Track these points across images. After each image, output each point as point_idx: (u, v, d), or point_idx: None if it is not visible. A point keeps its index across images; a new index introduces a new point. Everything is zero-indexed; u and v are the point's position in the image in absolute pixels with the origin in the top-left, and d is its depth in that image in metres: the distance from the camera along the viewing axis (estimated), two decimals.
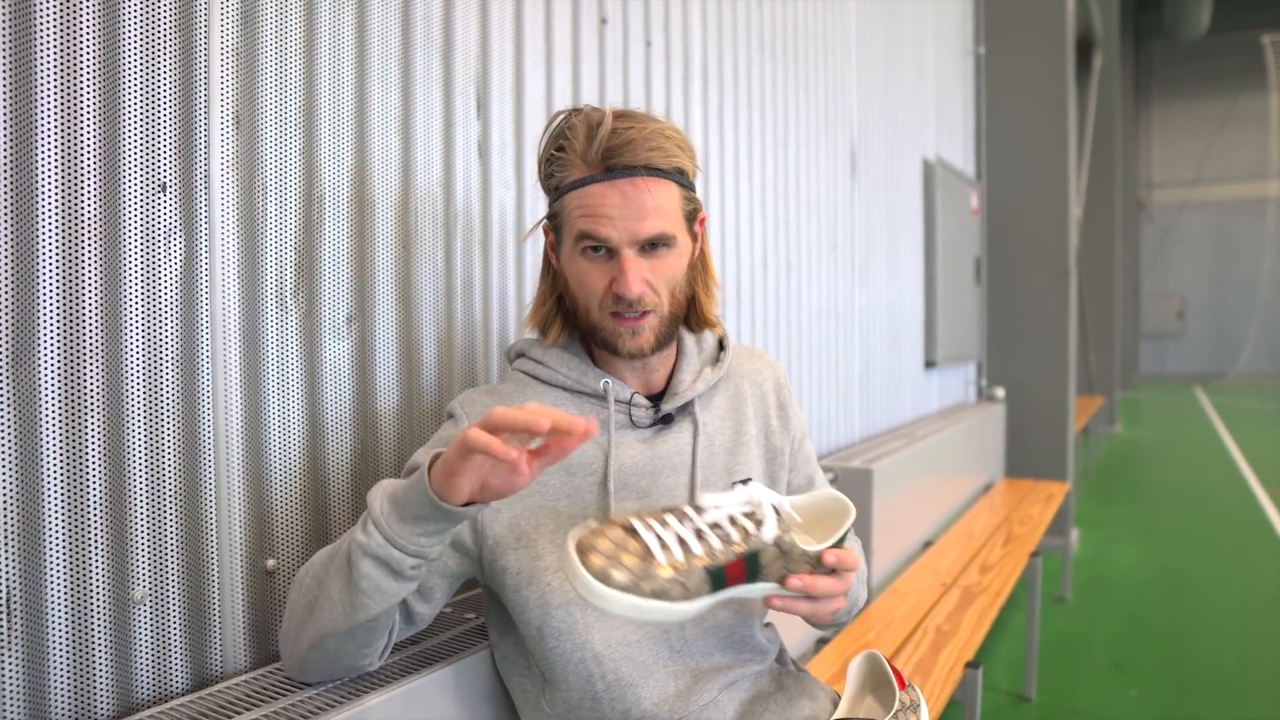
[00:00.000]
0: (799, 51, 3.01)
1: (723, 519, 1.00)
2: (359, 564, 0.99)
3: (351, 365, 1.39)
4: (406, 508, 0.98)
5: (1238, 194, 20.01)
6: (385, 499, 1.00)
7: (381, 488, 1.02)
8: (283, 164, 1.28)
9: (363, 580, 1.00)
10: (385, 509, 0.99)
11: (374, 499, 1.00)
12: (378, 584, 1.00)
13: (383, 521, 0.98)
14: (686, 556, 0.96)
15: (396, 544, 0.98)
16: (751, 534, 0.99)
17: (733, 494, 1.02)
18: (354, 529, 1.03)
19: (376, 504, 1.00)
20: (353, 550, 1.00)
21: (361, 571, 0.99)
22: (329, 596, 1.03)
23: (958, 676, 2.20)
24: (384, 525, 0.98)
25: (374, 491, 1.02)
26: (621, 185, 1.12)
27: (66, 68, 1.02)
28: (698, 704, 1.17)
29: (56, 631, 1.03)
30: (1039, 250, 5.37)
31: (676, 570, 0.94)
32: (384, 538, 0.98)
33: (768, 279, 2.75)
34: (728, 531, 0.99)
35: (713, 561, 0.97)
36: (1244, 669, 3.59)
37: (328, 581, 1.04)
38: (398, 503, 0.98)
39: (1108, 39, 10.35)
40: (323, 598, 1.04)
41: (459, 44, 1.57)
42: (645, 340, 1.18)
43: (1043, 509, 4.08)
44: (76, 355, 1.04)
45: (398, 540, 0.98)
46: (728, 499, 1.02)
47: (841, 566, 1.05)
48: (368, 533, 0.99)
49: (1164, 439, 10.62)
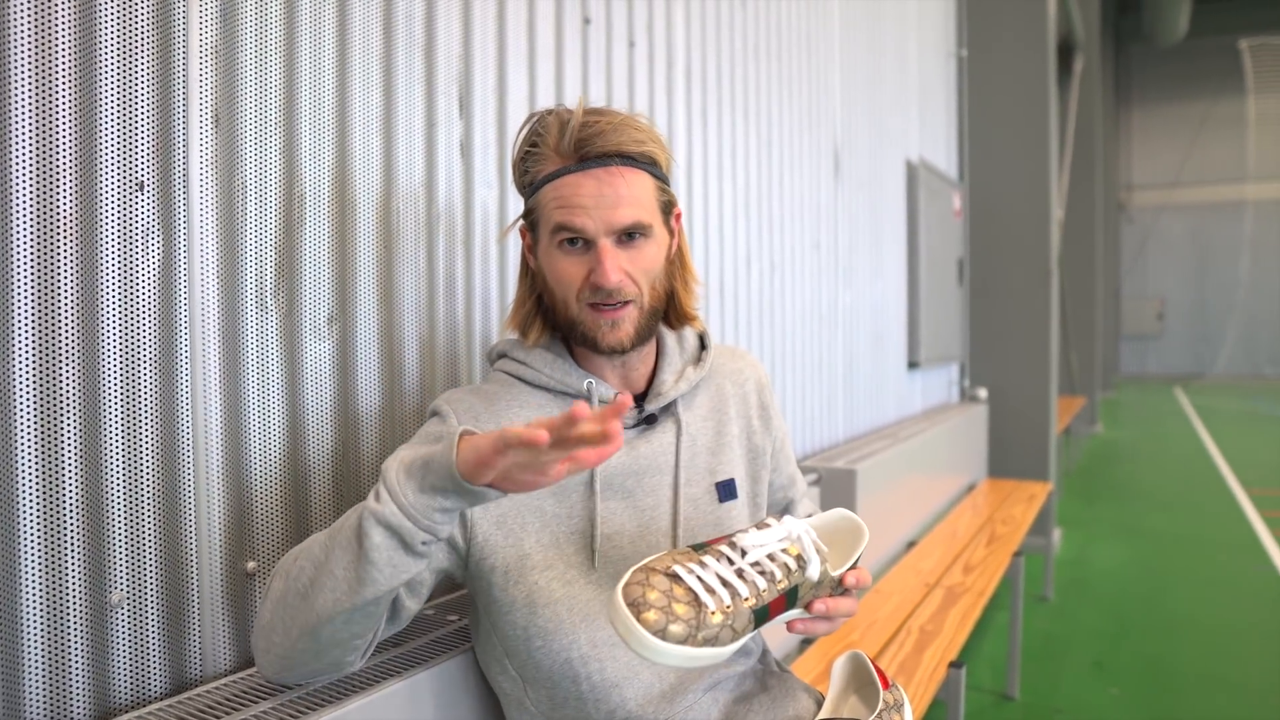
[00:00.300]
0: (782, 52, 3.01)
1: (763, 558, 1.00)
2: (371, 533, 0.95)
3: (332, 366, 1.38)
4: (426, 478, 0.94)
5: (1216, 196, 20.19)
6: (401, 469, 0.96)
7: (398, 458, 0.98)
8: (263, 163, 1.27)
9: (374, 551, 0.96)
10: (401, 478, 0.95)
11: (389, 468, 0.97)
12: (389, 556, 0.96)
13: (398, 491, 0.95)
14: (734, 599, 0.96)
15: (410, 515, 0.94)
16: (794, 570, 1.01)
17: (770, 531, 1.03)
18: (355, 508, 1.00)
19: (392, 473, 0.96)
20: (364, 519, 0.96)
21: (374, 542, 0.95)
22: (331, 575, 0.99)
23: (941, 676, 2.20)
24: (399, 495, 0.95)
25: (389, 461, 0.99)
26: (596, 173, 1.13)
27: (41, 64, 1.01)
28: (682, 705, 1.17)
29: (32, 635, 1.01)
30: (1021, 251, 5.40)
31: (725, 615, 0.95)
32: (398, 506, 0.94)
33: (751, 279, 2.75)
34: (771, 570, 1.00)
35: (758, 602, 0.98)
36: (1224, 667, 3.61)
37: (330, 560, 0.99)
38: (415, 472, 0.95)
39: (1088, 43, 10.42)
40: (323, 577, 0.99)
41: (441, 43, 1.56)
42: (625, 333, 1.17)
43: (1025, 509, 4.10)
44: (52, 356, 1.03)
45: (412, 511, 0.94)
46: (767, 537, 1.02)
47: (860, 588, 1.09)
48: (381, 500, 0.95)
49: (1145, 439, 10.69)
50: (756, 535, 1.02)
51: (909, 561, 3.20)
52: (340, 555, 0.99)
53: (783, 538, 1.02)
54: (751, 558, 1.00)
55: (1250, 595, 4.57)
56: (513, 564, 1.16)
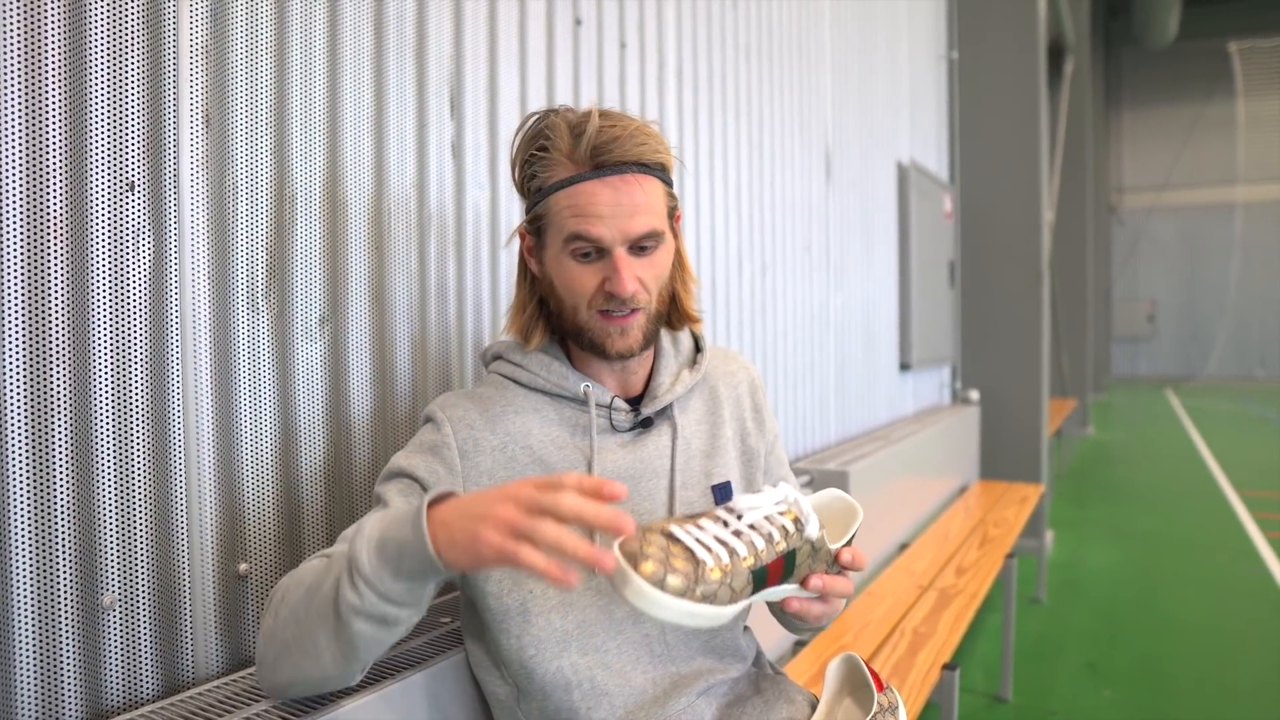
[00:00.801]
0: (774, 54, 3.01)
1: (759, 520, 0.99)
2: (352, 623, 0.92)
3: (324, 367, 1.38)
4: (402, 564, 0.90)
5: (1206, 199, 20.28)
6: (373, 552, 0.91)
7: (367, 537, 0.92)
8: (254, 163, 1.26)
9: (358, 638, 0.94)
10: (374, 563, 0.90)
11: (360, 552, 0.91)
12: (373, 637, 0.95)
13: (374, 580, 0.90)
14: (732, 558, 0.95)
15: (392, 599, 0.92)
16: (791, 533, 1.00)
17: (765, 495, 1.02)
18: (336, 565, 0.95)
19: (364, 558, 0.91)
20: (343, 610, 0.92)
21: (355, 630, 0.93)
22: (315, 645, 0.96)
23: (935, 678, 2.20)
24: (377, 584, 0.90)
25: (359, 542, 0.92)
26: (613, 182, 1.12)
27: (31, 63, 1.00)
28: (675, 709, 1.16)
29: (23, 637, 1.00)
30: (1012, 253, 5.41)
31: (724, 573, 0.93)
32: (378, 596, 0.91)
33: (743, 281, 2.75)
34: (769, 531, 0.99)
35: (756, 562, 0.96)
36: (1216, 669, 3.62)
37: (313, 631, 0.96)
38: (390, 558, 0.90)
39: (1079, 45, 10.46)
40: (307, 645, 0.97)
41: (432, 43, 1.56)
42: (634, 339, 1.17)
43: (1017, 511, 4.10)
44: (42, 357, 1.02)
45: (392, 596, 0.91)
46: (763, 500, 1.01)
47: (855, 565, 1.08)
48: (359, 593, 0.91)
49: (1136, 441, 10.71)
50: (752, 499, 1.01)
51: (902, 563, 3.20)
52: (321, 630, 0.95)
53: (779, 500, 1.01)
54: (748, 520, 0.99)
55: (1242, 597, 4.58)
56: (508, 572, 1.16)
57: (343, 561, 0.95)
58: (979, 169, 5.53)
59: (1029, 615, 4.29)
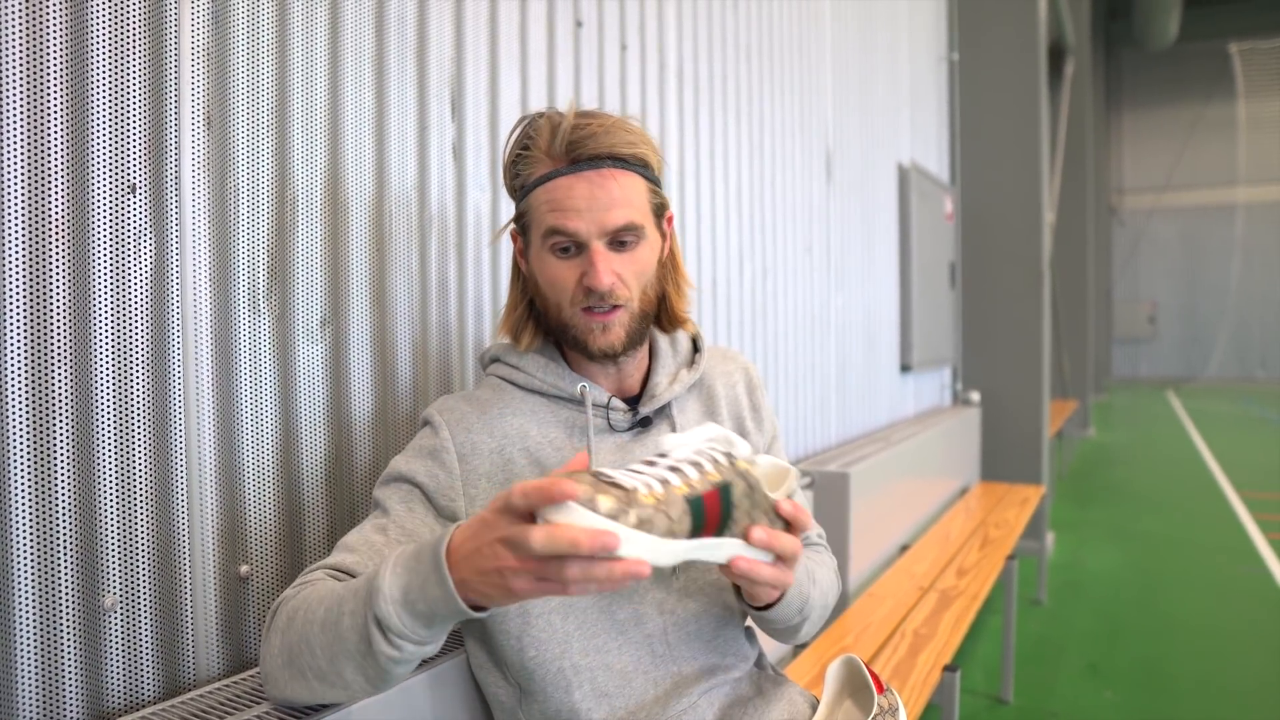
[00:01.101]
0: (774, 55, 3.01)
1: (687, 454, 0.97)
2: (392, 670, 0.94)
3: (325, 369, 1.38)
4: (434, 619, 0.90)
5: (1207, 200, 20.28)
6: (401, 610, 0.89)
7: (388, 598, 0.90)
8: (255, 165, 1.26)
9: (393, 677, 0.96)
10: (405, 620, 0.89)
11: (389, 615, 0.89)
12: (409, 668, 0.97)
13: (409, 634, 0.90)
14: (665, 486, 0.91)
15: (426, 642, 0.93)
16: (722, 464, 0.96)
17: (693, 432, 0.99)
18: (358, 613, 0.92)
19: (394, 619, 0.89)
20: (381, 660, 0.92)
21: (394, 674, 0.95)
22: (341, 678, 0.96)
23: (936, 680, 2.20)
24: (411, 636, 0.91)
25: (384, 605, 0.90)
26: (588, 175, 1.12)
27: (33, 66, 1.00)
28: (676, 709, 1.16)
29: (25, 639, 1.01)
30: (1013, 255, 5.41)
31: (658, 500, 0.89)
32: (415, 644, 0.92)
33: (744, 282, 2.75)
34: (699, 461, 0.96)
35: (691, 491, 0.92)
36: (1218, 670, 3.62)
37: (337, 665, 0.95)
38: (421, 615, 0.90)
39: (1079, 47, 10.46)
40: (333, 677, 0.96)
41: (433, 45, 1.56)
42: (616, 336, 1.17)
43: (1018, 512, 4.10)
44: (44, 359, 1.02)
45: (429, 640, 0.93)
46: (689, 437, 0.99)
47: (796, 518, 1.01)
48: (396, 646, 0.90)
49: (1137, 442, 10.71)
50: (678, 437, 0.99)
51: (902, 565, 3.20)
52: (348, 665, 0.95)
53: (709, 437, 0.99)
54: (676, 455, 0.96)
55: (1243, 598, 4.58)
56: None
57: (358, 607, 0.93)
58: (980, 170, 5.53)
59: (1030, 617, 4.29)
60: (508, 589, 0.84)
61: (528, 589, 0.83)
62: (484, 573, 0.85)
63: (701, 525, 0.93)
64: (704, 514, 0.93)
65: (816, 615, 1.26)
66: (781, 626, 1.21)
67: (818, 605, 1.25)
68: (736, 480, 0.97)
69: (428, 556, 0.89)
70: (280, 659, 1.01)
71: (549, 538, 0.79)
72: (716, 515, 0.94)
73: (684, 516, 0.90)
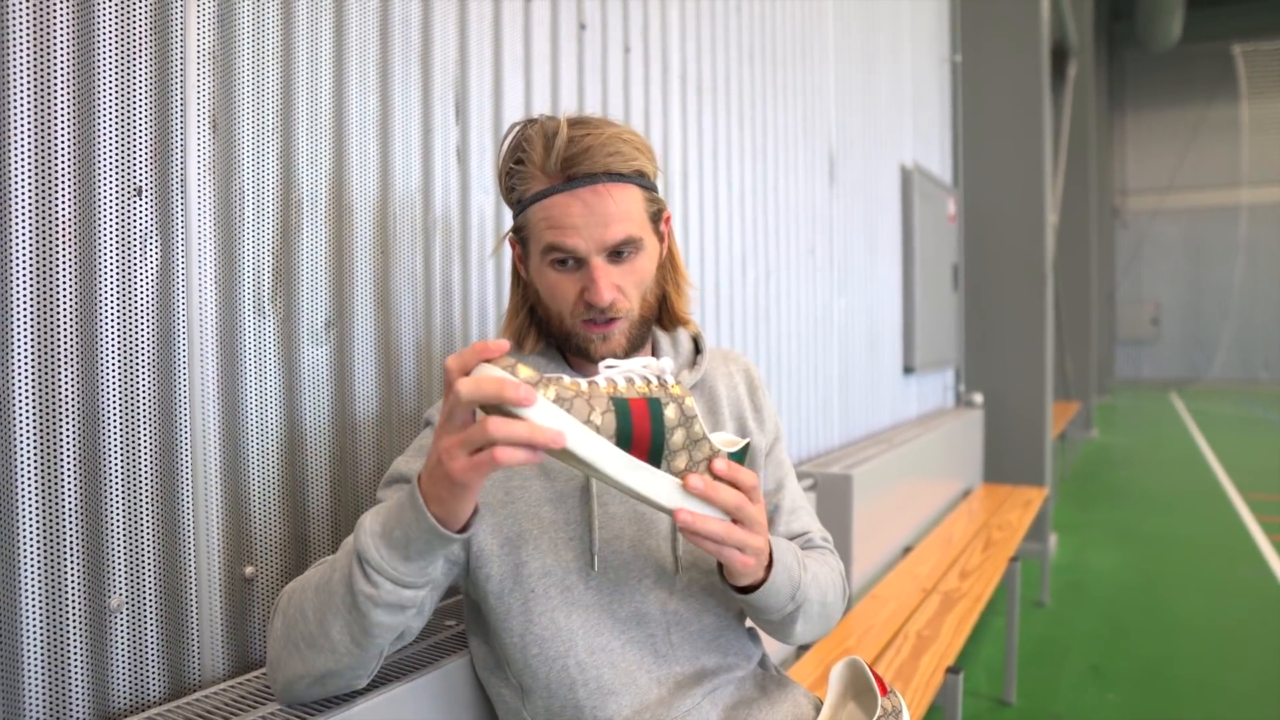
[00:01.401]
0: (777, 57, 3.02)
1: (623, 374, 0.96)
2: (371, 613, 0.96)
3: (330, 371, 1.38)
4: (410, 546, 0.94)
5: (1210, 201, 20.26)
6: (380, 542, 0.95)
7: (368, 530, 0.96)
8: (260, 168, 1.27)
9: (375, 627, 0.98)
10: (383, 552, 0.94)
11: (368, 546, 0.95)
12: (388, 623, 0.99)
13: (387, 568, 0.94)
14: (590, 385, 0.92)
15: (406, 584, 0.96)
16: (654, 384, 0.96)
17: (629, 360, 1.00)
18: (345, 563, 0.98)
19: (372, 550, 0.94)
20: (360, 601, 0.96)
21: (374, 620, 0.97)
22: (328, 638, 0.99)
23: (939, 682, 2.20)
24: (389, 570, 0.94)
25: (364, 537, 0.96)
26: (583, 194, 1.11)
27: (40, 70, 1.01)
28: (680, 709, 1.17)
29: (31, 640, 1.01)
30: (1016, 256, 5.41)
31: (579, 391, 0.90)
32: (393, 583, 0.95)
33: (746, 285, 2.75)
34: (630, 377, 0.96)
35: (615, 391, 0.92)
36: (1221, 672, 3.62)
37: (325, 624, 0.99)
38: (398, 543, 0.94)
39: (1082, 48, 10.46)
40: (320, 639, 1.00)
41: (437, 48, 1.57)
42: (617, 344, 1.18)
43: (1021, 514, 4.10)
44: (51, 360, 1.03)
45: (406, 580, 0.96)
46: (626, 362, 0.98)
47: (735, 478, 0.99)
48: (374, 583, 0.95)
49: (1140, 444, 10.70)
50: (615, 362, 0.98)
51: (905, 567, 3.20)
52: (336, 622, 0.99)
53: (644, 364, 0.98)
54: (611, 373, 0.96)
55: (1246, 600, 4.58)
56: (510, 571, 1.16)
57: (347, 557, 0.98)
58: (982, 172, 5.53)
59: (1033, 618, 4.28)
60: (449, 477, 0.88)
61: (463, 467, 0.86)
62: (432, 474, 0.90)
63: (629, 435, 0.92)
64: (630, 421, 0.92)
65: (814, 611, 1.24)
66: (775, 617, 1.19)
67: (814, 600, 1.23)
68: (669, 402, 0.95)
69: (405, 490, 0.95)
70: (280, 640, 1.04)
71: (474, 382, 0.84)
72: (646, 431, 0.93)
73: (608, 415, 0.91)
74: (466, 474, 0.87)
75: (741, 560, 1.03)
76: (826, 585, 1.28)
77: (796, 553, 1.21)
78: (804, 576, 1.20)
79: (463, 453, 0.86)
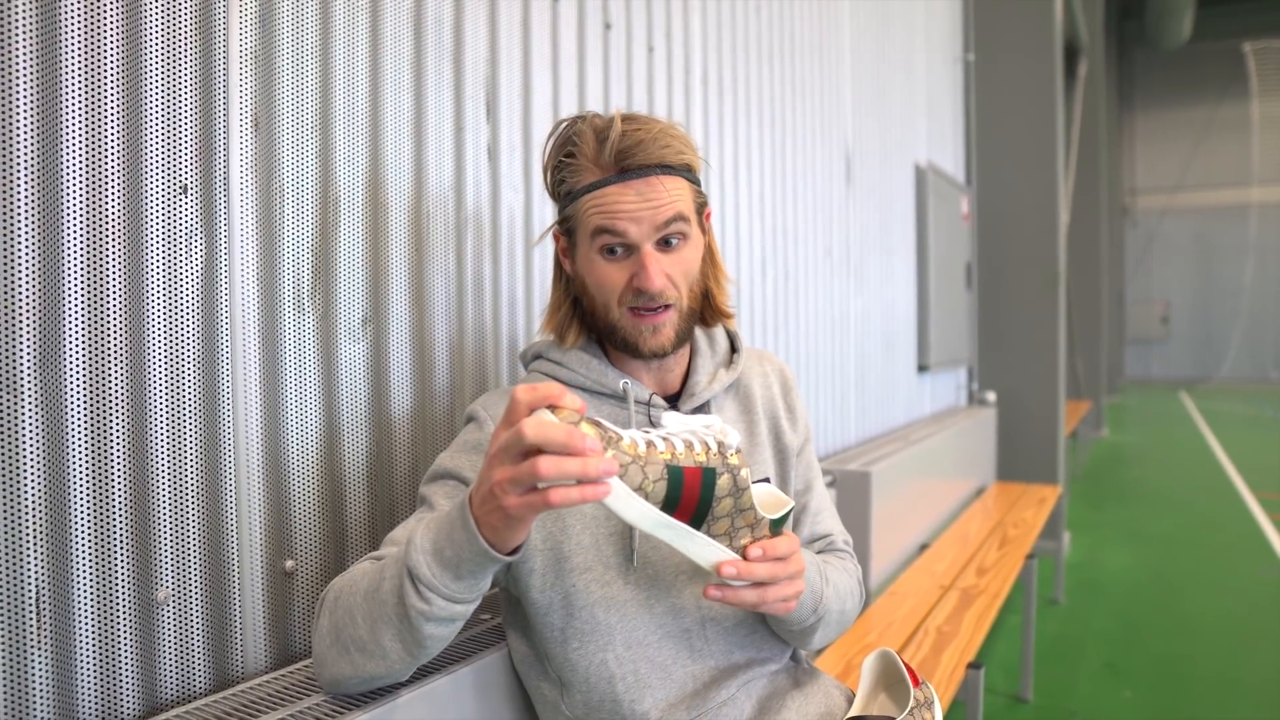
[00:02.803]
0: (795, 58, 3.03)
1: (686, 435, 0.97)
2: (423, 627, 0.97)
3: (367, 367, 1.40)
4: (461, 566, 0.94)
5: (1220, 200, 20.19)
6: (431, 560, 0.95)
7: (419, 548, 0.96)
8: (300, 166, 1.28)
9: (428, 640, 0.99)
10: (435, 570, 0.94)
11: (419, 564, 0.95)
12: (442, 635, 1.00)
13: (440, 586, 0.94)
14: (649, 448, 0.92)
15: (458, 599, 0.96)
16: (713, 450, 0.96)
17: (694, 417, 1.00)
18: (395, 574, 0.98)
19: (424, 568, 0.94)
20: (413, 617, 0.96)
21: (426, 633, 0.98)
22: (379, 646, 1.00)
23: (960, 677, 2.21)
24: (442, 589, 0.95)
25: (415, 554, 0.95)
26: (636, 185, 1.13)
27: (91, 71, 1.03)
28: (716, 700, 1.18)
29: (84, 632, 1.03)
30: (1028, 255, 5.41)
31: (637, 455, 0.90)
32: (445, 599, 0.95)
33: (766, 285, 2.76)
34: (691, 441, 0.96)
35: (673, 458, 0.93)
36: (1236, 669, 3.62)
37: (376, 632, 1.00)
38: (449, 563, 0.94)
39: (1092, 47, 10.45)
40: (371, 646, 1.01)
41: (469, 48, 1.58)
42: (666, 337, 1.19)
43: (1035, 512, 4.10)
44: (101, 357, 1.04)
45: (458, 596, 0.96)
46: (690, 420, 0.99)
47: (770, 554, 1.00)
48: (426, 600, 0.95)
49: (1151, 443, 10.68)
50: (678, 416, 0.99)
51: (922, 564, 3.21)
52: (386, 632, 0.99)
53: (706, 424, 0.98)
54: (672, 430, 0.96)
55: (1260, 597, 4.57)
56: (551, 566, 1.18)
57: (396, 568, 0.98)
58: (996, 171, 5.53)
59: (1047, 616, 4.29)
60: (503, 509, 0.87)
61: (517, 505, 0.86)
62: (485, 502, 0.89)
63: (677, 500, 0.93)
64: (681, 488, 0.93)
65: (832, 620, 1.26)
66: (796, 628, 1.21)
67: (834, 610, 1.24)
68: (724, 472, 0.96)
69: (455, 508, 0.95)
70: (328, 639, 1.04)
71: (537, 423, 0.83)
72: (695, 498, 0.94)
73: (660, 481, 0.91)
74: (520, 510, 0.87)
75: (780, 610, 1.06)
76: (846, 594, 1.30)
77: (820, 567, 1.22)
78: (826, 590, 1.22)
79: (515, 490, 0.86)
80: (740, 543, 1.00)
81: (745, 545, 1.00)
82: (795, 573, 1.04)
